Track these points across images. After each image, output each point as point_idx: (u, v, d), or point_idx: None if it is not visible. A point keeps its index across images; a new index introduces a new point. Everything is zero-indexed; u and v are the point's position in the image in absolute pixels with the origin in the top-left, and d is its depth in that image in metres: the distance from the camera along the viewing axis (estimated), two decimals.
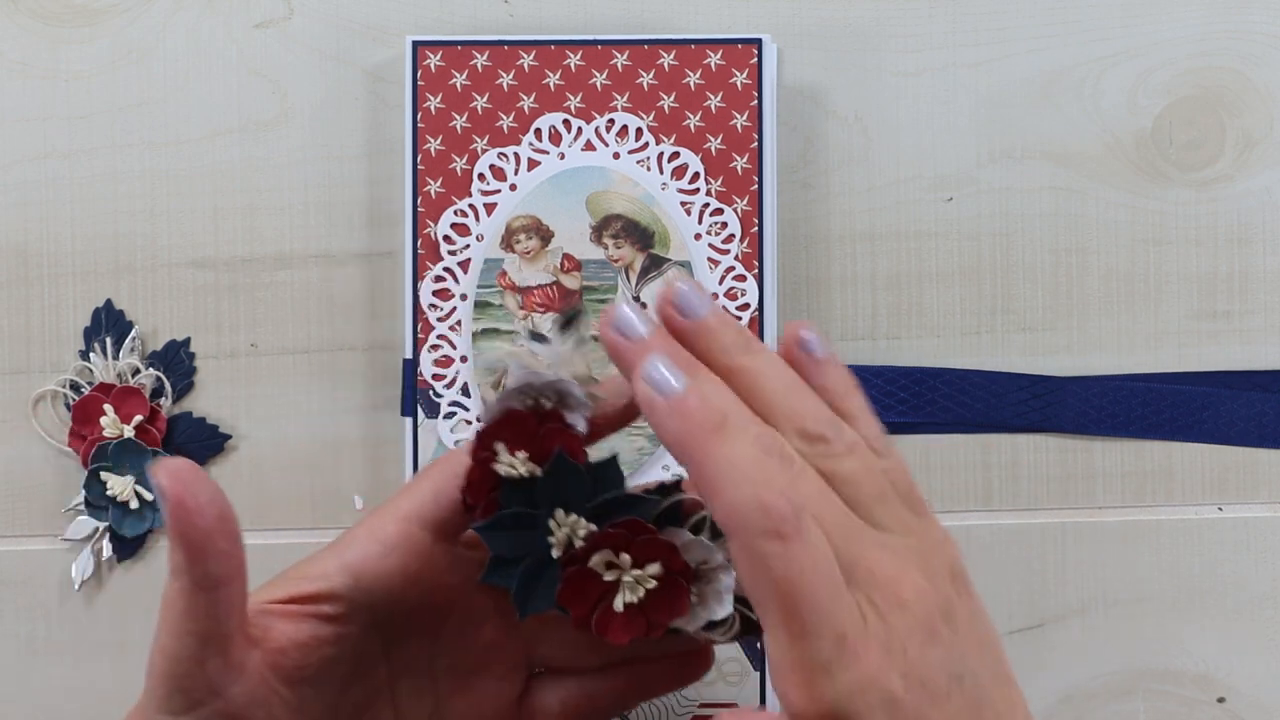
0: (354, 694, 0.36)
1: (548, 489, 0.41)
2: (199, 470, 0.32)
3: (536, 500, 0.41)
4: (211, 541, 0.32)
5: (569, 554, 0.41)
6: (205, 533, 0.31)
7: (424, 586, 0.36)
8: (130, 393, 0.49)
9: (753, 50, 0.47)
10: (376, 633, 0.36)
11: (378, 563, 0.35)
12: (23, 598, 0.49)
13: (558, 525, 0.41)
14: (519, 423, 0.41)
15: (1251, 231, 0.50)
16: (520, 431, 0.41)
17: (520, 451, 0.41)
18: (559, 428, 0.42)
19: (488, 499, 0.41)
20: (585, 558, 0.41)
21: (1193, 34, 0.50)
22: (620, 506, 0.41)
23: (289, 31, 0.50)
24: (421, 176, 0.48)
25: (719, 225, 0.47)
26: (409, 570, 0.36)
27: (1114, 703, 0.49)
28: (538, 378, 0.41)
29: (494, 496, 0.41)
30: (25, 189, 0.49)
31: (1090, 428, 0.49)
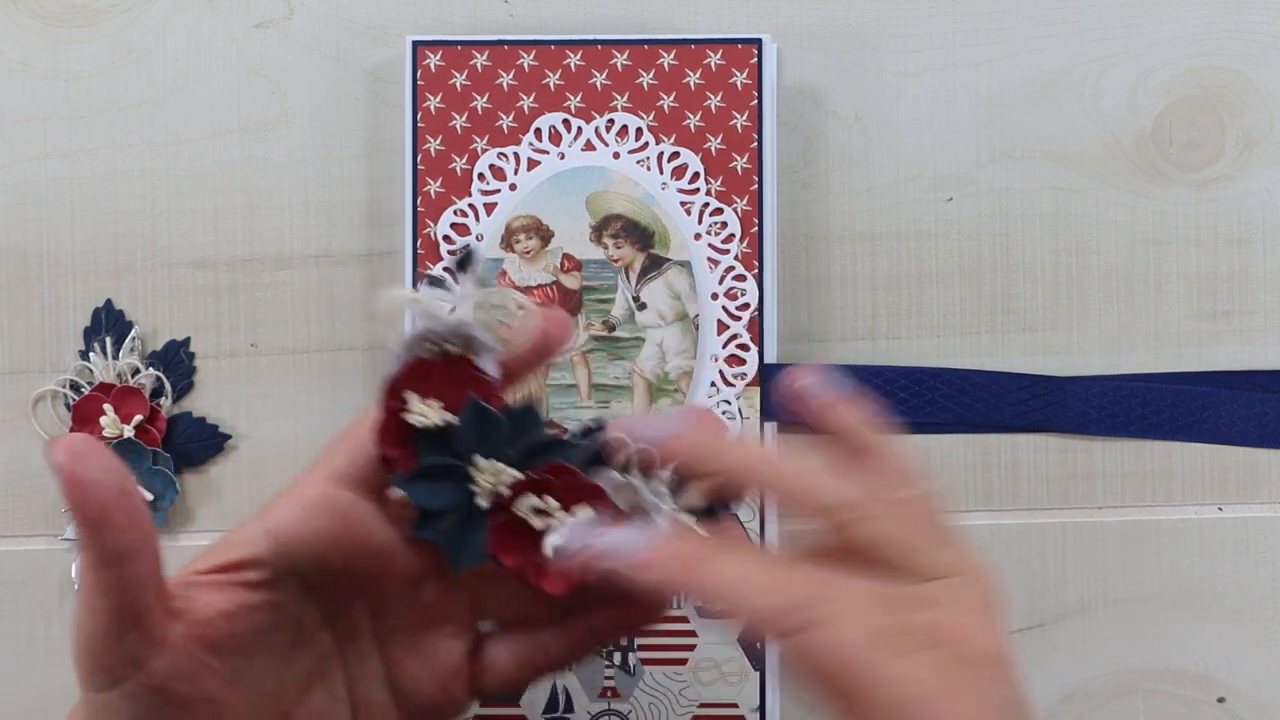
0: (300, 663, 0.35)
1: (466, 437, 0.39)
2: (96, 444, 0.31)
3: (456, 450, 0.39)
4: (109, 516, 0.31)
5: (496, 503, 0.39)
6: (102, 507, 0.31)
7: (353, 547, 0.36)
8: (130, 393, 0.49)
9: (753, 50, 0.47)
10: (312, 598, 0.36)
11: (300, 525, 0.35)
12: (23, 598, 0.49)
13: (480, 473, 0.39)
14: (428, 370, 0.40)
15: (1251, 231, 0.50)
16: (431, 379, 0.40)
17: (432, 400, 0.39)
18: (470, 373, 0.40)
19: (405, 452, 0.39)
20: (512, 505, 0.39)
21: (1193, 34, 0.50)
22: (543, 451, 0.40)
23: (289, 31, 0.50)
24: (421, 176, 0.48)
25: (719, 225, 0.47)
26: (334, 531, 0.35)
27: (1114, 703, 0.49)
28: (440, 323, 0.39)
29: (413, 449, 0.39)
30: (25, 189, 0.49)
31: (1090, 428, 0.49)
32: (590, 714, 0.47)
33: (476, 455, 0.39)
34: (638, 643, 0.47)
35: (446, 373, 0.40)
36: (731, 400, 0.47)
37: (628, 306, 0.47)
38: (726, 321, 0.47)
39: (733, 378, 0.47)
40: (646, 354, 0.47)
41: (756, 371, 0.47)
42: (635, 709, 0.47)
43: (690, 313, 0.47)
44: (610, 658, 0.47)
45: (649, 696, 0.47)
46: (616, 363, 0.47)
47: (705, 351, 0.47)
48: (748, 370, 0.47)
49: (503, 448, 0.39)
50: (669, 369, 0.47)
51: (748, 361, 0.47)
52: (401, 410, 0.39)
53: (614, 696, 0.47)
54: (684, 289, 0.47)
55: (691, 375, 0.47)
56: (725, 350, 0.47)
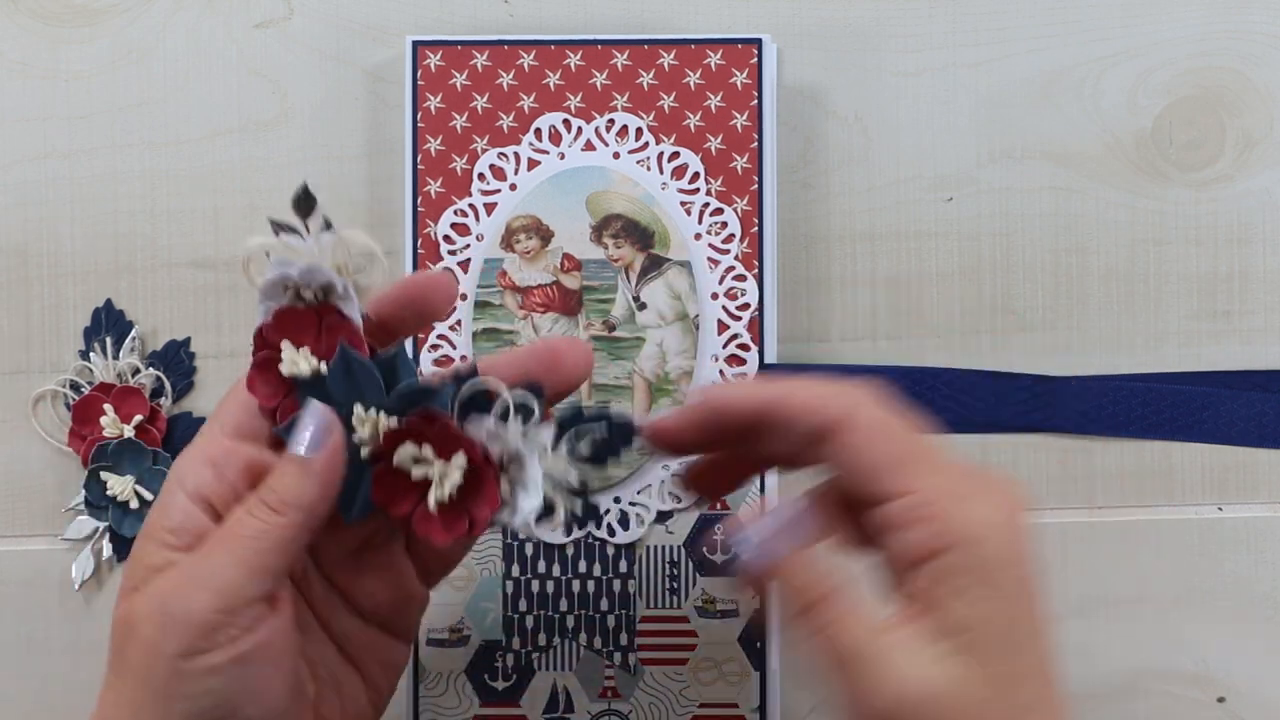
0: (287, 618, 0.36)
1: (340, 385, 0.39)
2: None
3: (332, 398, 0.39)
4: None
5: (375, 452, 0.38)
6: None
7: None
8: (130, 392, 0.49)
9: (753, 50, 0.47)
10: None
11: (217, 486, 0.35)
12: (23, 598, 0.49)
13: (360, 422, 0.39)
14: (296, 319, 0.39)
15: (1251, 231, 0.50)
16: (298, 327, 0.39)
17: (303, 347, 0.39)
18: (337, 320, 0.39)
19: (283, 402, 0.39)
20: (389, 454, 0.38)
21: (1193, 34, 0.50)
22: (418, 397, 0.39)
23: (289, 31, 0.50)
24: (421, 176, 0.48)
25: (719, 225, 0.47)
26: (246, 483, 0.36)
27: (1114, 703, 0.49)
28: (294, 268, 0.38)
29: (291, 399, 0.38)
30: (25, 189, 0.49)
31: (1090, 428, 0.49)
32: (590, 714, 0.47)
33: (356, 405, 0.38)
34: (638, 642, 0.47)
35: (315, 320, 0.39)
36: None
37: (628, 306, 0.47)
38: (726, 321, 0.47)
39: (733, 378, 0.47)
40: (646, 354, 0.47)
41: (756, 371, 0.47)
42: (635, 709, 0.47)
43: (690, 313, 0.47)
44: (611, 658, 0.47)
45: (649, 696, 0.47)
46: (616, 363, 0.47)
47: (705, 351, 0.47)
48: (748, 370, 0.47)
49: (379, 396, 0.39)
50: (669, 369, 0.47)
51: (748, 361, 0.47)
52: (274, 360, 0.38)
53: (614, 696, 0.47)
54: (684, 289, 0.47)
55: (691, 375, 0.47)
56: (725, 350, 0.47)
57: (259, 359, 0.38)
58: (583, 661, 0.47)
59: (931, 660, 0.32)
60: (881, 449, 0.34)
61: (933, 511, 0.33)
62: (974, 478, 0.34)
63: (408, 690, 0.47)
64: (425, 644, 0.47)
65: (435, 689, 0.47)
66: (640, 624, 0.47)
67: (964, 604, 0.33)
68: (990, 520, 0.33)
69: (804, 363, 0.49)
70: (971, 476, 0.34)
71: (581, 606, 0.47)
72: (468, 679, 0.47)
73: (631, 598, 0.47)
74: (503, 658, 0.47)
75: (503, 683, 0.47)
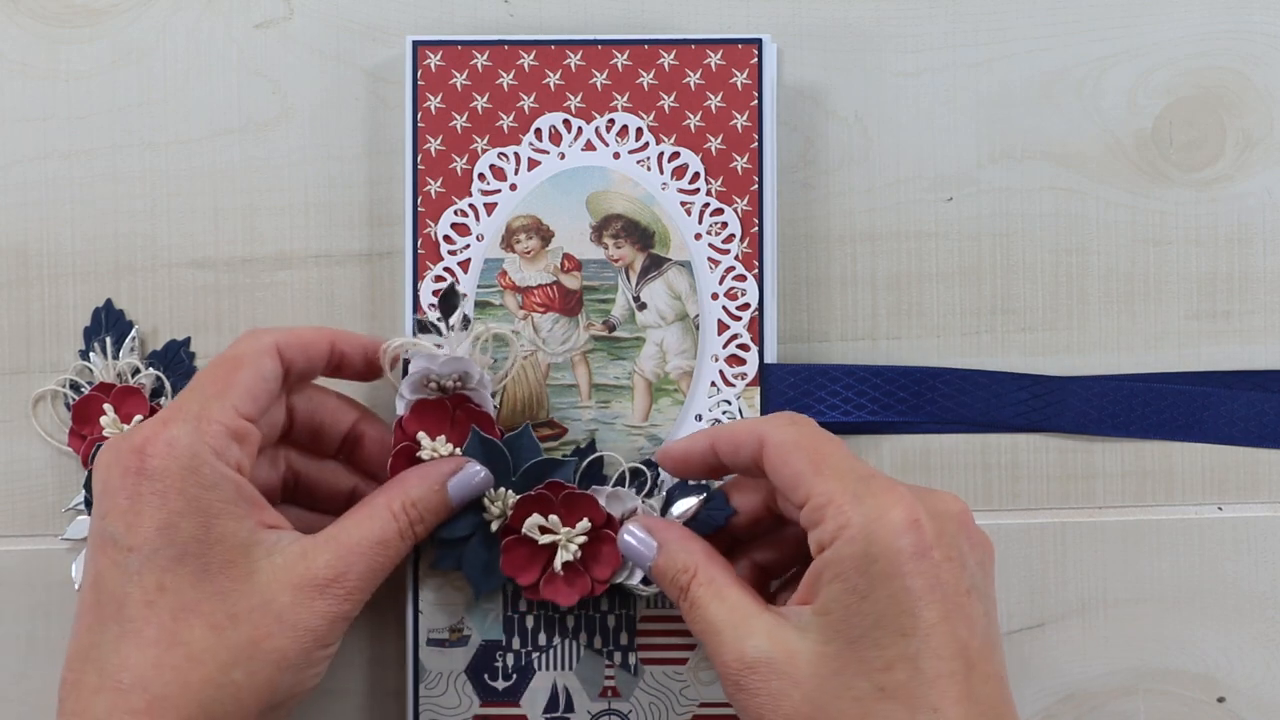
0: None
1: None
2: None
3: None
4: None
5: (504, 525, 0.44)
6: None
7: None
8: (130, 392, 0.49)
9: (753, 50, 0.47)
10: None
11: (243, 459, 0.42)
12: (23, 598, 0.49)
13: (490, 500, 0.44)
14: (432, 410, 0.44)
15: (1251, 231, 0.50)
16: (434, 418, 0.44)
17: (439, 436, 0.44)
18: (470, 408, 0.44)
19: None
20: (518, 526, 0.44)
21: (1193, 34, 0.50)
22: (542, 472, 0.44)
23: (289, 31, 0.50)
24: (421, 176, 0.48)
25: (719, 225, 0.47)
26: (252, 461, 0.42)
27: (1114, 703, 0.49)
28: (436, 362, 0.44)
29: None
30: (25, 189, 0.49)
31: (1090, 428, 0.49)
32: (590, 713, 0.47)
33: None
34: (638, 642, 0.47)
35: (449, 410, 0.45)
36: (731, 400, 0.47)
37: (628, 306, 0.47)
38: (726, 321, 0.47)
39: (733, 378, 0.47)
40: (646, 354, 0.47)
41: (757, 371, 0.47)
42: (635, 708, 0.47)
43: (690, 313, 0.47)
44: (611, 657, 0.47)
45: (649, 696, 0.47)
46: (617, 363, 0.47)
47: (705, 351, 0.47)
48: (748, 370, 0.47)
49: (507, 474, 0.45)
50: (669, 369, 0.47)
51: (748, 361, 0.47)
52: (414, 449, 0.44)
53: (614, 696, 0.47)
54: (684, 289, 0.47)
55: (691, 375, 0.47)
56: (725, 350, 0.47)
57: (399, 449, 0.44)
58: (583, 661, 0.47)
59: (784, 634, 0.38)
60: (793, 464, 0.39)
61: (827, 512, 0.38)
62: (873, 481, 0.38)
63: (408, 690, 0.47)
64: (425, 644, 0.47)
65: (435, 689, 0.47)
66: (640, 624, 0.47)
67: (836, 590, 0.37)
68: (878, 518, 0.37)
69: (804, 362, 0.49)
70: (870, 480, 0.38)
71: (582, 606, 0.47)
72: (468, 679, 0.47)
73: (631, 597, 0.47)
74: (503, 658, 0.47)
75: (503, 682, 0.47)
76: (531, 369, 0.47)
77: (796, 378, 0.48)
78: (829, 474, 0.39)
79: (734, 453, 0.42)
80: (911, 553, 0.37)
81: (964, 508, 0.39)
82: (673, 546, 0.43)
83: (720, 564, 0.42)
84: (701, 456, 0.43)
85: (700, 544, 0.43)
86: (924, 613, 0.36)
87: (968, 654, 0.37)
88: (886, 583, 0.37)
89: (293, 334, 0.43)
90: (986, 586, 0.39)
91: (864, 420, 0.48)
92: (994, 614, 0.39)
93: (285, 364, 0.43)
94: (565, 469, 0.45)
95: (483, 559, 0.45)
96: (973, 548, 0.39)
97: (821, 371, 0.48)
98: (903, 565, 0.37)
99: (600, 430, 0.47)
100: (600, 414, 0.47)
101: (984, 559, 0.39)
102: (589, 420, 0.47)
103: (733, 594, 0.40)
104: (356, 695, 0.49)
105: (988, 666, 0.37)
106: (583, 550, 0.44)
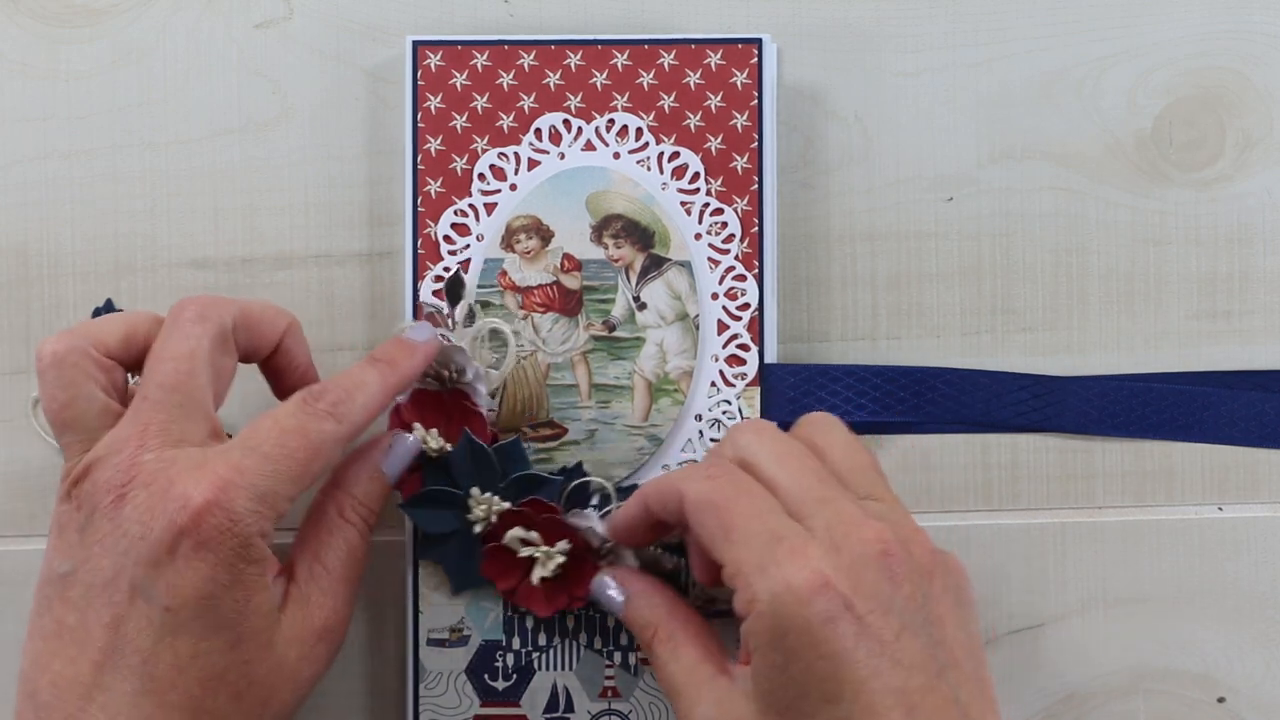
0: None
1: (462, 468, 0.45)
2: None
3: (455, 478, 0.45)
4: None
5: (487, 531, 0.45)
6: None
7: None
8: None
9: (753, 50, 0.47)
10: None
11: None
12: (23, 598, 0.49)
13: (476, 504, 0.45)
14: (431, 401, 0.45)
15: (1251, 231, 0.50)
16: (432, 409, 0.45)
17: (433, 429, 0.45)
18: (466, 406, 0.45)
19: (410, 475, 0.45)
20: (500, 535, 0.45)
21: (1193, 34, 0.50)
22: (529, 486, 0.45)
23: (289, 31, 0.50)
24: (421, 176, 0.47)
25: (719, 225, 0.47)
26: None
27: (1114, 703, 0.49)
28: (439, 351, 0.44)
29: (416, 475, 0.45)
30: (25, 189, 0.49)
31: (1090, 428, 0.49)
32: (590, 713, 0.47)
33: (474, 487, 0.45)
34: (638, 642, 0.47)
35: (446, 403, 0.45)
36: (731, 400, 0.47)
37: (628, 306, 0.47)
38: (726, 321, 0.47)
39: (733, 378, 0.47)
40: (646, 354, 0.47)
41: (757, 371, 0.47)
42: (635, 708, 0.47)
43: (690, 313, 0.47)
44: (611, 657, 0.47)
45: (649, 696, 0.47)
46: (616, 363, 0.47)
47: (705, 351, 0.47)
48: (748, 370, 0.47)
49: (495, 480, 0.45)
50: (669, 369, 0.47)
51: (748, 361, 0.47)
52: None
53: (614, 696, 0.47)
54: (684, 289, 0.47)
55: (691, 375, 0.47)
56: (725, 350, 0.47)
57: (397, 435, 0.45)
58: (583, 661, 0.47)
59: (732, 702, 0.38)
60: (707, 526, 0.39)
61: (737, 583, 0.37)
62: (781, 545, 0.37)
63: (408, 690, 0.47)
64: (425, 644, 0.47)
65: (435, 689, 0.47)
66: None
67: (759, 661, 0.37)
68: (784, 590, 0.36)
69: (804, 362, 0.49)
70: (778, 545, 0.37)
71: (581, 606, 0.47)
72: (468, 679, 0.47)
73: None
74: (503, 658, 0.47)
75: (503, 683, 0.47)
76: (531, 369, 0.47)
77: (796, 378, 0.48)
78: (737, 540, 0.38)
79: (664, 510, 0.41)
80: (822, 620, 0.35)
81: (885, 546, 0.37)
82: (637, 601, 0.43)
83: (682, 618, 0.42)
84: (643, 519, 0.42)
85: (665, 596, 0.43)
86: (847, 675, 0.35)
87: (907, 697, 0.35)
88: (801, 654, 0.36)
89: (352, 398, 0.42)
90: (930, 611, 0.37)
91: (864, 420, 0.48)
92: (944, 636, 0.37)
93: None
94: (551, 487, 0.45)
95: (464, 558, 0.45)
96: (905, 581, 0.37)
97: (821, 371, 0.48)
98: (814, 634, 0.36)
99: (600, 430, 0.47)
100: (600, 414, 0.47)
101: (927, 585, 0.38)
102: (589, 420, 0.47)
103: (689, 654, 0.40)
104: (356, 695, 0.49)
105: (935, 698, 0.36)
106: (562, 568, 0.44)
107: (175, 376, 0.40)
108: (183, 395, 0.40)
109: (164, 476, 0.38)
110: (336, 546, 0.43)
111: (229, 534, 0.38)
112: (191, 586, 0.38)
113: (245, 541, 0.38)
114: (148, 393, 0.40)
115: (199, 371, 0.40)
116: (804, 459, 0.40)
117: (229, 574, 0.38)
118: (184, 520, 0.38)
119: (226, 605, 0.38)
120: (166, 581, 0.38)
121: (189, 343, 0.40)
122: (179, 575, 0.38)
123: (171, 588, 0.38)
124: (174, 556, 0.38)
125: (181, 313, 0.41)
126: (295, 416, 0.40)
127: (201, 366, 0.40)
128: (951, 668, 0.37)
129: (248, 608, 0.39)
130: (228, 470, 0.38)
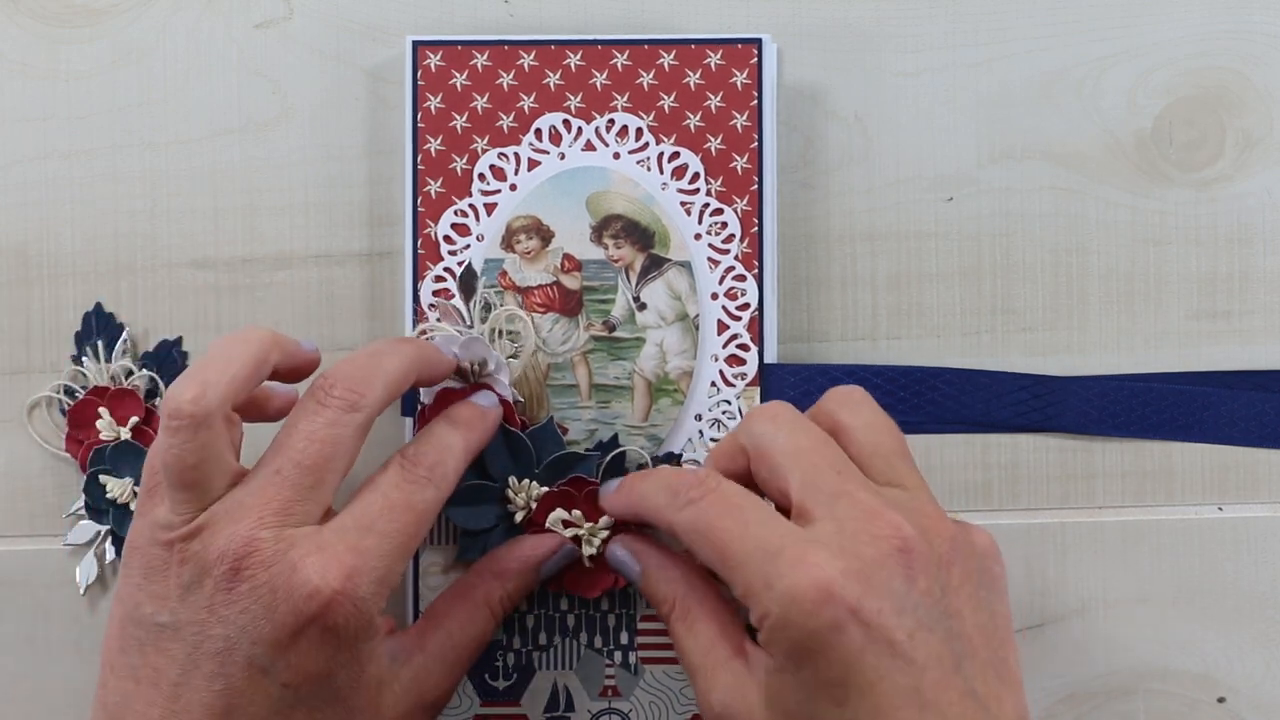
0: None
1: (496, 458, 0.44)
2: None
3: (489, 470, 0.44)
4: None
5: (528, 517, 0.44)
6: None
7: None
8: (125, 395, 0.49)
9: (753, 50, 0.47)
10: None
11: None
12: (23, 598, 0.49)
13: (514, 492, 0.44)
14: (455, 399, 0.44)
15: (1251, 231, 0.50)
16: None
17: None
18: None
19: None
20: (542, 520, 0.44)
21: (1193, 34, 0.50)
22: (566, 466, 0.45)
23: (289, 31, 0.50)
24: (421, 176, 0.47)
25: (719, 225, 0.47)
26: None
27: (1114, 703, 0.49)
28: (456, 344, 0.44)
29: None
30: (25, 189, 0.49)
31: (1090, 428, 0.49)
32: (591, 713, 0.47)
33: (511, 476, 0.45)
34: (638, 642, 0.47)
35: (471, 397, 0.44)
36: (731, 400, 0.47)
37: (628, 306, 0.47)
38: (726, 321, 0.47)
39: (733, 378, 0.47)
40: (646, 354, 0.47)
41: (756, 371, 0.47)
42: (636, 708, 0.47)
43: (690, 313, 0.47)
44: (611, 656, 0.47)
45: (649, 695, 0.47)
46: (617, 363, 0.47)
47: (705, 351, 0.47)
48: (748, 370, 0.47)
49: (530, 466, 0.45)
50: (669, 369, 0.47)
51: (748, 361, 0.47)
52: None
53: (615, 695, 0.47)
54: (684, 289, 0.47)
55: (691, 375, 0.47)
56: (725, 350, 0.47)
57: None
58: (583, 660, 0.47)
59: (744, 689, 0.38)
60: (704, 553, 0.39)
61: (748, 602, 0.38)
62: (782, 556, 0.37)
63: None
64: None
65: None
66: (641, 623, 0.47)
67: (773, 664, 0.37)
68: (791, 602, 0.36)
69: (804, 363, 0.49)
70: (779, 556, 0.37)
71: (582, 606, 0.47)
72: (468, 679, 0.47)
73: (632, 597, 0.47)
74: (503, 657, 0.47)
75: (503, 682, 0.47)
76: (532, 369, 0.47)
77: (796, 378, 0.48)
78: (734, 563, 0.38)
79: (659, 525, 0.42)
80: (829, 628, 0.36)
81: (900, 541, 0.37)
82: (653, 575, 0.43)
83: (700, 593, 0.42)
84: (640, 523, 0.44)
85: (681, 570, 0.43)
86: (854, 679, 0.36)
87: (919, 695, 0.35)
88: (812, 660, 0.36)
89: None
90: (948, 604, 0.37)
91: None
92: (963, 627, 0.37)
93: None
94: (588, 463, 0.45)
95: None
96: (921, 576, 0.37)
97: (821, 371, 0.48)
98: (823, 641, 0.36)
99: (600, 430, 0.47)
100: (600, 414, 0.47)
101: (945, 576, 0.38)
102: (589, 420, 0.47)
103: (706, 632, 0.41)
104: None
105: (950, 693, 0.36)
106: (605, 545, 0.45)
107: (316, 459, 0.39)
108: (315, 478, 0.39)
109: (286, 561, 0.38)
110: (474, 631, 0.43)
111: (354, 619, 0.38)
112: (314, 665, 0.38)
113: (366, 623, 0.38)
114: (281, 466, 0.39)
115: (339, 458, 0.40)
116: (819, 448, 0.40)
117: (349, 654, 0.38)
118: (313, 610, 0.37)
119: (342, 679, 0.39)
120: (288, 662, 0.38)
121: (335, 430, 0.39)
122: (302, 657, 0.38)
123: (293, 668, 0.38)
124: (298, 639, 0.38)
125: (331, 391, 0.40)
126: (400, 489, 0.40)
127: (343, 454, 0.40)
128: (969, 658, 0.37)
129: (361, 679, 0.39)
130: (350, 556, 0.38)
